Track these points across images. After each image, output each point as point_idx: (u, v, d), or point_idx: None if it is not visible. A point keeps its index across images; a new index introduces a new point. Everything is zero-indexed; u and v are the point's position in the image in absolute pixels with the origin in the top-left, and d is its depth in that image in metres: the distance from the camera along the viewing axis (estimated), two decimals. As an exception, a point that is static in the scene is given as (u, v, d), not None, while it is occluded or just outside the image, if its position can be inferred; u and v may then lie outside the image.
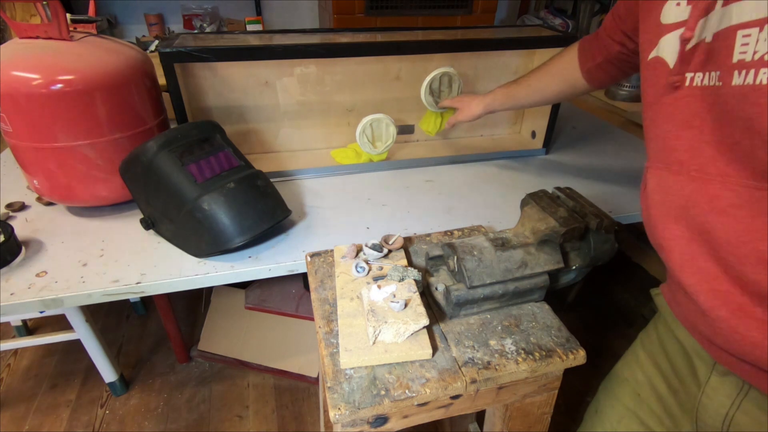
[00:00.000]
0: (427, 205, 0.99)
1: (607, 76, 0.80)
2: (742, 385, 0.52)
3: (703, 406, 0.57)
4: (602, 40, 0.76)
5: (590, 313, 1.70)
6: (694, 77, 0.47)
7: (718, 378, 0.55)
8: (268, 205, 0.85)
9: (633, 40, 0.70)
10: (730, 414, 0.53)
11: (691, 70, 0.47)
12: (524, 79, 0.92)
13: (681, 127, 0.49)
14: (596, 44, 0.78)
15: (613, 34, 0.73)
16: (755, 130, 0.40)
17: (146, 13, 2.50)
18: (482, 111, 0.98)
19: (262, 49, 0.99)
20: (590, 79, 0.82)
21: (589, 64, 0.80)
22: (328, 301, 0.66)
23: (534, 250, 0.63)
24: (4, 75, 0.75)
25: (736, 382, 0.52)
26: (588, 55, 0.80)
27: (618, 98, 1.73)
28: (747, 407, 0.52)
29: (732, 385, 0.53)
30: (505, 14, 3.08)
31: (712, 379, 0.55)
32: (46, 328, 1.56)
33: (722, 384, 0.54)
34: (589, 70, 0.81)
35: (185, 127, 0.84)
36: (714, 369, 0.55)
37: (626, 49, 0.73)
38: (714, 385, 0.55)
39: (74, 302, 0.74)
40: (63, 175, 0.85)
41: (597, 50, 0.78)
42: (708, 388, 0.56)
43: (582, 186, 1.06)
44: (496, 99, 0.97)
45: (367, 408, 0.51)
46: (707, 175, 0.46)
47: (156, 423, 1.29)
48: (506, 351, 0.58)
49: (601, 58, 0.77)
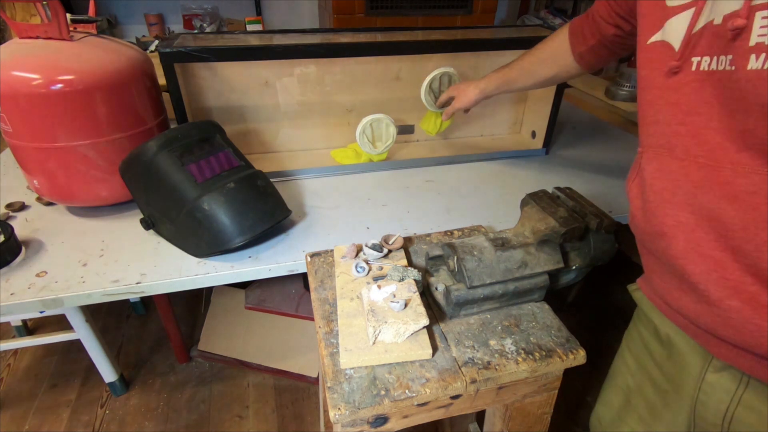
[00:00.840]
0: (427, 205, 0.99)
1: (598, 59, 0.80)
2: (741, 378, 0.51)
3: (701, 403, 0.55)
4: (596, 23, 0.75)
5: (590, 313, 1.70)
6: (701, 61, 0.45)
7: (714, 374, 0.53)
8: (268, 205, 0.85)
9: (629, 22, 0.69)
10: (731, 409, 0.52)
11: (697, 54, 0.45)
12: (517, 63, 0.92)
13: (685, 113, 0.47)
14: (588, 27, 0.77)
15: (607, 16, 0.72)
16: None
17: (146, 13, 2.50)
18: (478, 96, 0.98)
19: (262, 49, 0.99)
20: (582, 62, 0.82)
21: (581, 48, 0.79)
22: (328, 301, 0.66)
23: (534, 250, 0.63)
24: (4, 75, 0.75)
25: (734, 376, 0.51)
26: (580, 39, 0.79)
27: (618, 98, 1.73)
28: (748, 400, 0.51)
29: (730, 380, 0.52)
30: (505, 14, 3.08)
31: (708, 375, 0.54)
32: (46, 328, 1.56)
33: (720, 379, 0.53)
34: (581, 54, 0.80)
35: (185, 127, 0.85)
36: (710, 364, 0.53)
37: (621, 31, 0.71)
38: (711, 381, 0.54)
39: (74, 302, 0.74)
40: (63, 175, 0.85)
41: (590, 33, 0.77)
42: (705, 385, 0.54)
43: (582, 186, 1.06)
44: (490, 83, 0.97)
45: (367, 408, 0.51)
46: (716, 162, 0.44)
47: (156, 423, 1.29)
48: (506, 351, 0.58)
49: (594, 41, 0.76)
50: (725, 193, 0.44)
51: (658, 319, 0.60)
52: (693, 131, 0.47)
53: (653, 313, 0.61)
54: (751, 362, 0.48)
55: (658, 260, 0.54)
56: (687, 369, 0.56)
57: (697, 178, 0.47)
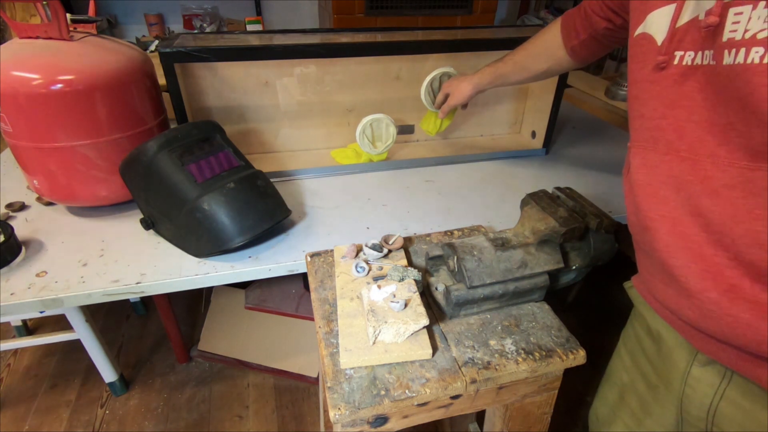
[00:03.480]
0: (427, 205, 0.99)
1: (590, 53, 0.80)
2: (724, 372, 0.52)
3: (687, 397, 0.56)
4: (587, 17, 0.75)
5: (590, 313, 1.70)
6: (684, 56, 0.46)
7: (699, 368, 0.54)
8: (268, 205, 0.85)
9: (620, 15, 0.69)
10: (714, 403, 0.53)
11: (682, 49, 0.46)
12: (510, 57, 0.92)
13: (668, 107, 0.48)
14: (580, 21, 0.77)
15: (598, 10, 0.72)
16: (749, 110, 0.40)
17: (146, 13, 2.50)
18: (472, 90, 0.98)
19: (262, 49, 0.99)
20: (575, 56, 0.82)
21: (573, 42, 0.80)
22: (328, 301, 0.66)
23: (534, 250, 0.63)
24: (4, 75, 0.75)
25: (718, 371, 0.52)
26: (572, 33, 0.79)
27: (618, 98, 1.73)
28: (730, 395, 0.52)
29: (714, 374, 0.53)
30: (505, 14, 3.08)
31: (693, 369, 0.55)
32: (46, 328, 1.56)
33: (704, 374, 0.54)
34: (573, 48, 0.80)
35: (185, 127, 0.84)
36: (695, 359, 0.54)
37: (613, 25, 0.72)
38: (696, 375, 0.55)
39: (74, 302, 0.74)
40: (63, 175, 0.85)
41: (581, 27, 0.77)
42: (690, 379, 0.55)
43: (582, 186, 1.06)
44: (484, 78, 0.97)
45: (367, 408, 0.51)
46: (697, 155, 0.45)
47: (156, 423, 1.29)
48: (506, 351, 0.58)
49: (586, 35, 0.77)
50: (705, 188, 0.45)
51: (650, 315, 0.61)
52: (675, 125, 0.47)
53: (645, 310, 0.62)
54: (733, 357, 0.49)
55: (647, 255, 0.55)
56: (674, 364, 0.57)
57: (678, 172, 0.47)
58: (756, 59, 0.38)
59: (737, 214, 0.42)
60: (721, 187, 0.43)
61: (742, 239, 0.42)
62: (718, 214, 0.44)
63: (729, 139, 0.42)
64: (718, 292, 0.45)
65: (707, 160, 0.44)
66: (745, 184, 0.42)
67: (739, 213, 0.42)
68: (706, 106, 0.44)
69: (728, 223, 0.43)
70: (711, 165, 0.44)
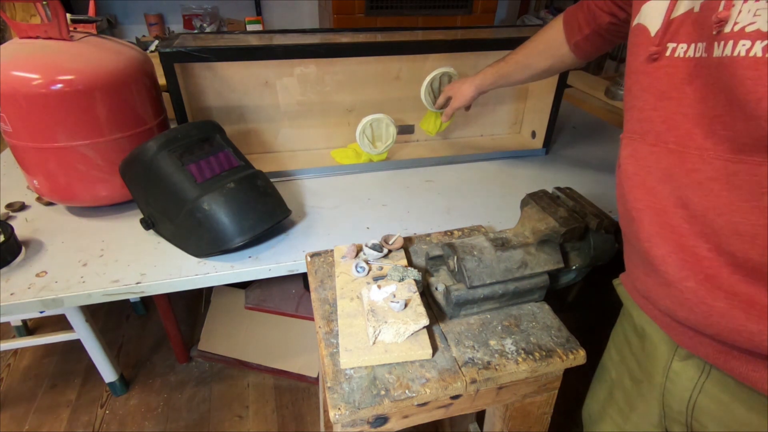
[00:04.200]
0: (427, 205, 0.99)
1: (594, 48, 0.80)
2: (703, 367, 0.52)
3: (668, 391, 0.57)
4: (591, 11, 0.75)
5: (590, 313, 1.70)
6: (677, 48, 0.46)
7: (680, 362, 0.55)
8: (268, 205, 0.85)
9: (624, 9, 0.69)
10: (693, 397, 0.54)
11: (675, 41, 0.46)
12: (512, 56, 0.92)
13: (658, 98, 0.48)
14: (583, 16, 0.77)
15: (602, 5, 0.72)
16: (735, 103, 0.40)
17: (146, 13, 2.50)
18: (474, 92, 0.98)
19: (262, 49, 0.99)
20: (578, 52, 0.81)
21: (576, 37, 0.79)
22: (328, 301, 0.66)
23: (534, 250, 0.63)
24: (4, 75, 0.75)
25: (697, 365, 0.53)
26: (575, 28, 0.79)
27: (618, 98, 1.73)
28: (708, 389, 0.52)
29: (694, 368, 0.53)
30: (505, 14, 3.08)
31: (674, 363, 0.55)
32: (46, 328, 1.56)
33: (684, 368, 0.54)
34: (576, 43, 0.80)
35: (185, 127, 0.84)
36: (676, 353, 0.55)
37: (617, 19, 0.71)
38: (676, 370, 0.55)
39: (74, 302, 0.74)
40: (63, 175, 0.85)
41: (585, 22, 0.77)
42: (671, 373, 0.56)
43: (582, 186, 1.06)
44: (486, 79, 0.96)
45: (367, 408, 0.51)
46: (685, 147, 0.45)
47: (156, 423, 1.29)
48: (506, 351, 0.58)
49: (590, 30, 0.76)
50: (691, 180, 0.45)
51: (635, 311, 0.61)
52: (664, 116, 0.47)
53: (631, 306, 0.62)
54: (710, 351, 0.49)
55: (633, 247, 0.55)
56: (657, 359, 0.58)
57: (666, 163, 0.48)
58: (743, 52, 0.38)
59: (719, 206, 0.43)
60: (706, 179, 0.44)
61: (723, 230, 0.43)
62: (701, 206, 0.44)
63: (715, 132, 0.43)
64: (696, 281, 0.46)
65: (694, 153, 0.45)
66: (728, 177, 0.42)
67: (721, 205, 0.43)
68: (695, 98, 0.44)
69: (710, 215, 0.44)
70: (697, 157, 0.44)
